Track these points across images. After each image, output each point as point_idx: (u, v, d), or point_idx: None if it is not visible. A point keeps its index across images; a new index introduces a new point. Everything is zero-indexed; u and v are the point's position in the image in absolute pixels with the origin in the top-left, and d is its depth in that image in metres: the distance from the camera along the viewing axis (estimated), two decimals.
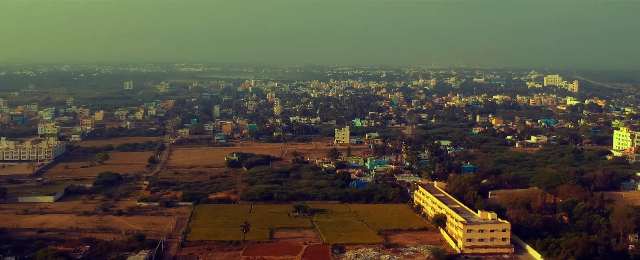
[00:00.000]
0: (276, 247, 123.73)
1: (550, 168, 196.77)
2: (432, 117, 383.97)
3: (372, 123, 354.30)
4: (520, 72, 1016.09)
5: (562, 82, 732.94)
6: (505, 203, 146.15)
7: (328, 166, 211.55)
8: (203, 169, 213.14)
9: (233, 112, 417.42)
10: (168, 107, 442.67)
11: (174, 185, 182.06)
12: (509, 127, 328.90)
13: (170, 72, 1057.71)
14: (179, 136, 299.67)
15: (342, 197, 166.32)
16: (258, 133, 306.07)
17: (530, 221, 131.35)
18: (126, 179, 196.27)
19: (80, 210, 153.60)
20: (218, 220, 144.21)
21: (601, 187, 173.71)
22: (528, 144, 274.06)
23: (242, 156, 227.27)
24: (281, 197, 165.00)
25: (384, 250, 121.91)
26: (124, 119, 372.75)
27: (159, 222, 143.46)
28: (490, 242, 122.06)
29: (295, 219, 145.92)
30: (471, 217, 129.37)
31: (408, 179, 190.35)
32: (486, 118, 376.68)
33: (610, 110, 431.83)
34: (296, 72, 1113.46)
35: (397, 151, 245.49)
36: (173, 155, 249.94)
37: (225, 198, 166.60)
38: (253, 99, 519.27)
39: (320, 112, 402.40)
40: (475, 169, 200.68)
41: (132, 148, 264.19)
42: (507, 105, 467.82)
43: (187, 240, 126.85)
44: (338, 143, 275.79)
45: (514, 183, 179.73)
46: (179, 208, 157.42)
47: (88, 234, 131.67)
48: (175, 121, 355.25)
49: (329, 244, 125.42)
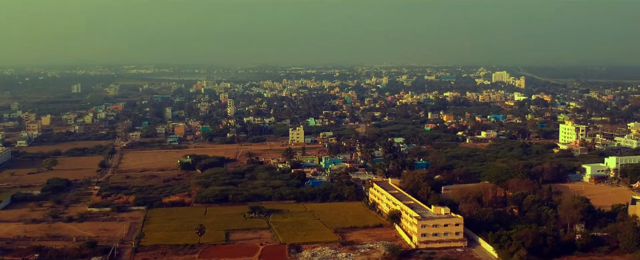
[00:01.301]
0: (232, 249, 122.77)
1: (500, 162, 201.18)
2: (385, 115, 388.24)
3: (326, 122, 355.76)
4: (469, 70, 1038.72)
5: (509, 79, 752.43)
6: (458, 198, 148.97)
7: (283, 166, 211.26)
8: (156, 173, 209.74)
9: (185, 114, 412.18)
10: (118, 110, 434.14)
11: (126, 189, 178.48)
12: (460, 124, 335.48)
13: (120, 74, 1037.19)
14: (130, 139, 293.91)
15: (298, 197, 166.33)
16: (211, 134, 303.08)
17: (482, 215, 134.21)
18: (76, 184, 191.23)
19: (28, 218, 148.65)
20: (172, 224, 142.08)
21: (549, 180, 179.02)
22: (478, 140, 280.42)
23: (195, 158, 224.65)
24: (236, 199, 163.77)
25: (341, 248, 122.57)
26: (72, 123, 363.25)
27: (111, 228, 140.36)
28: (444, 237, 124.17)
29: (251, 220, 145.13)
30: (425, 213, 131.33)
31: (363, 177, 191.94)
32: (437, 115, 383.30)
33: (555, 105, 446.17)
34: (249, 72, 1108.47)
35: (351, 149, 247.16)
36: (124, 159, 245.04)
37: (179, 201, 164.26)
38: (206, 100, 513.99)
39: (274, 112, 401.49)
40: (428, 165, 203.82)
41: (81, 153, 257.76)
42: (457, 102, 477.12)
43: (140, 245, 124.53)
44: (293, 143, 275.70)
45: (466, 178, 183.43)
46: (131, 213, 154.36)
47: (37, 242, 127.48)
48: (126, 124, 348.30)
49: (286, 244, 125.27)
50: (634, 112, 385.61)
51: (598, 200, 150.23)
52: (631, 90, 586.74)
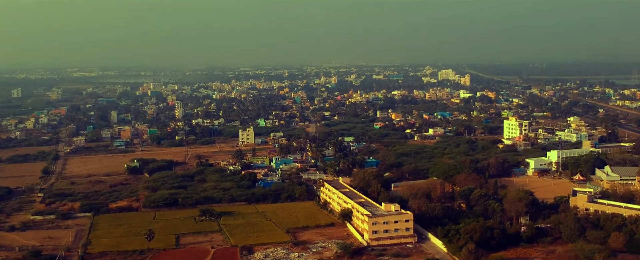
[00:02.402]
0: (183, 254, 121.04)
1: (448, 158, 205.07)
2: (335, 114, 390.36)
3: (276, 122, 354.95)
4: (416, 68, 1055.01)
5: (455, 77, 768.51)
6: (407, 194, 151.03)
7: (233, 168, 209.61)
8: (102, 178, 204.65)
9: (132, 117, 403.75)
10: (61, 114, 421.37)
11: (71, 196, 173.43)
12: (408, 121, 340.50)
13: (63, 77, 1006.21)
14: (74, 144, 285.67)
15: (249, 198, 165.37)
16: (159, 138, 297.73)
17: (431, 210, 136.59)
18: (18, 192, 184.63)
19: None
20: (120, 229, 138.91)
21: (494, 174, 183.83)
22: (426, 137, 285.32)
23: (143, 162, 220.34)
24: (186, 202, 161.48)
25: (293, 248, 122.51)
26: (13, 129, 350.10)
27: (56, 236, 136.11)
28: (394, 233, 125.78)
29: (201, 223, 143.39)
30: (376, 210, 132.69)
31: (314, 176, 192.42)
32: (386, 113, 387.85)
33: (499, 102, 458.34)
34: (197, 74, 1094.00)
35: (302, 149, 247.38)
36: (69, 164, 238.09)
37: (127, 206, 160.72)
38: (152, 102, 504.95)
39: (223, 114, 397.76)
40: (378, 162, 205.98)
41: (23, 159, 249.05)
42: (405, 100, 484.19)
43: (87, 253, 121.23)
44: (243, 144, 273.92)
45: (415, 174, 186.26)
46: (77, 220, 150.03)
47: None
48: (70, 129, 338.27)
49: (237, 246, 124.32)
50: (573, 107, 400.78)
51: (541, 193, 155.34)
52: (570, 86, 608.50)
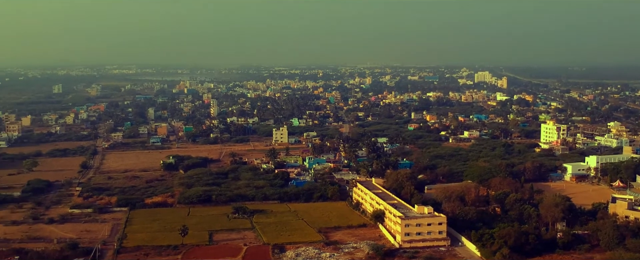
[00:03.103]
0: (216, 250, 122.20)
1: (483, 162, 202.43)
2: (369, 115, 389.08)
3: (309, 122, 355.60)
4: (452, 70, 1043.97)
5: (492, 79, 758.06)
6: (441, 197, 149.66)
7: (267, 166, 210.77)
8: (138, 173, 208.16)
9: (168, 115, 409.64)
10: (100, 110, 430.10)
11: (108, 190, 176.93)
12: (443, 123, 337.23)
13: (102, 74, 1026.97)
14: (112, 140, 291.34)
15: (282, 197, 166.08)
16: (194, 135, 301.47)
17: (465, 214, 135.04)
18: (57, 185, 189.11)
19: (8, 220, 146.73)
20: (155, 224, 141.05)
21: (530, 179, 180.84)
22: (461, 139, 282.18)
23: (178, 159, 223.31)
24: (220, 199, 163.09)
25: (324, 248, 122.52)
26: (53, 124, 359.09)
27: (93, 229, 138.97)
28: (427, 236, 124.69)
29: (234, 220, 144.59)
30: (408, 212, 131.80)
31: (346, 177, 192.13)
32: (421, 115, 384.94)
33: (537, 105, 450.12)
34: (232, 72, 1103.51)
35: (335, 149, 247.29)
36: (106, 159, 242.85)
37: (162, 202, 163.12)
38: (189, 100, 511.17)
39: (257, 113, 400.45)
40: (412, 164, 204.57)
41: (62, 154, 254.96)
42: (440, 102, 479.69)
43: (123, 247, 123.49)
44: (276, 143, 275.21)
45: (449, 177, 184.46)
46: (113, 214, 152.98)
47: (17, 244, 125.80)
48: (108, 125, 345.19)
49: (269, 244, 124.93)
50: (613, 112, 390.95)
51: (579, 199, 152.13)
52: (611, 90, 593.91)
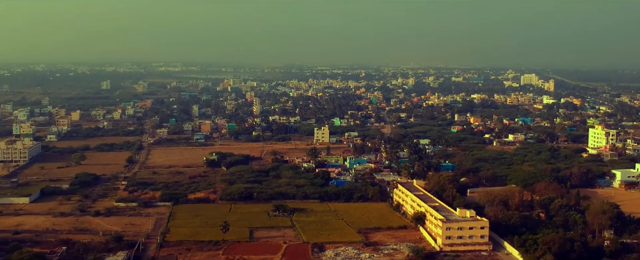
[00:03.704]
0: (256, 247, 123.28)
1: (528, 166, 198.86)
2: (411, 116, 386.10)
3: (351, 122, 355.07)
4: (497, 72, 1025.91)
5: (538, 81, 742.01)
6: (484, 201, 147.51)
7: (307, 165, 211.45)
8: (182, 169, 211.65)
9: (212, 112, 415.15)
10: (146, 106, 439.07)
11: (153, 185, 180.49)
12: (487, 126, 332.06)
13: (148, 71, 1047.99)
14: (157, 136, 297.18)
15: (322, 196, 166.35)
16: (237, 132, 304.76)
17: (508, 218, 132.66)
18: (103, 179, 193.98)
19: (57, 212, 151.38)
20: (197, 220, 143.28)
21: (577, 185, 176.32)
22: (505, 142, 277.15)
23: (221, 156, 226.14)
24: (261, 197, 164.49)
25: (364, 248, 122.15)
26: (101, 119, 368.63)
27: (137, 223, 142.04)
28: (469, 240, 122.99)
29: (274, 218, 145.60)
30: (450, 215, 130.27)
31: (387, 178, 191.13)
32: (464, 117, 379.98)
33: (585, 109, 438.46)
34: (275, 71, 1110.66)
35: (376, 150, 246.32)
36: (151, 155, 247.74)
37: (205, 198, 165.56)
38: (232, 98, 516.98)
39: (299, 112, 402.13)
40: (454, 167, 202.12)
41: (109, 148, 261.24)
42: (485, 104, 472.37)
43: (165, 241, 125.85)
44: (317, 142, 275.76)
45: (492, 181, 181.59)
46: (157, 208, 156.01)
47: (64, 235, 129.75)
48: (154, 121, 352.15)
49: (309, 242, 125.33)
50: None
51: (628, 207, 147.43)
52: None
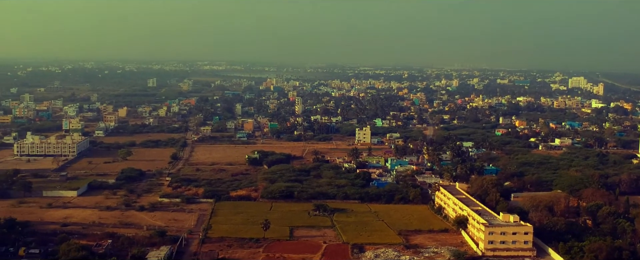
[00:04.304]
0: (296, 246, 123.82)
1: (574, 171, 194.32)
2: (454, 118, 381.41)
3: (393, 123, 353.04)
4: (544, 74, 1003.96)
5: (587, 85, 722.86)
6: (528, 206, 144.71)
7: (348, 165, 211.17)
8: (224, 167, 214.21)
9: (254, 111, 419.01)
10: (191, 104, 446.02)
11: (196, 182, 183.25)
12: (533, 130, 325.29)
13: (193, 70, 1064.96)
14: (201, 133, 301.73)
15: (363, 197, 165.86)
16: (279, 131, 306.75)
17: (553, 224, 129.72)
18: (148, 175, 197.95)
19: (103, 205, 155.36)
20: (238, 217, 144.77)
21: (626, 192, 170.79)
22: (552, 147, 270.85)
23: (263, 154, 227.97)
24: (301, 196, 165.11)
25: (404, 250, 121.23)
26: (147, 116, 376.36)
27: (180, 218, 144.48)
28: (512, 245, 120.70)
29: (315, 217, 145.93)
30: (493, 220, 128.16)
31: (429, 180, 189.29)
32: (509, 120, 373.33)
33: (636, 114, 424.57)
34: (318, 71, 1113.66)
35: (418, 152, 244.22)
36: (195, 152, 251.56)
37: (246, 195, 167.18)
38: (274, 97, 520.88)
39: (341, 112, 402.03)
40: (498, 171, 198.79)
41: (154, 144, 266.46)
42: (530, 107, 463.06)
43: (207, 237, 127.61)
44: (359, 143, 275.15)
45: (537, 186, 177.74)
46: (200, 204, 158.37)
47: (110, 228, 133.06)
48: (198, 119, 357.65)
49: (349, 243, 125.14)
50: None
51: None
52: None
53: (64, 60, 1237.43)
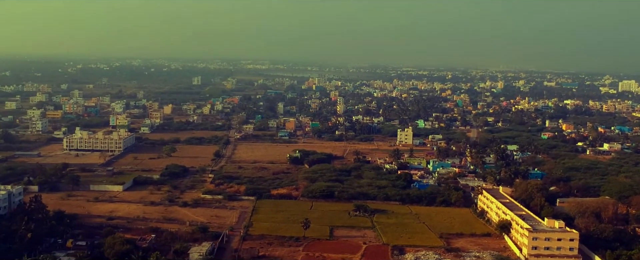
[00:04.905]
0: (336, 245, 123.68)
1: (624, 177, 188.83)
2: (499, 121, 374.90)
3: (435, 125, 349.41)
4: (593, 77, 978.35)
5: (638, 88, 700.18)
6: (574, 212, 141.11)
7: (390, 167, 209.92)
8: (266, 165, 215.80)
9: (296, 110, 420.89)
10: (234, 103, 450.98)
11: (238, 179, 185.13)
12: (580, 134, 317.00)
13: (237, 69, 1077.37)
14: (243, 132, 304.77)
15: (403, 199, 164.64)
16: (320, 131, 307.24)
17: (601, 231, 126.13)
18: (192, 171, 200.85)
19: (147, 200, 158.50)
20: (279, 215, 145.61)
21: None
22: (600, 152, 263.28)
23: (304, 153, 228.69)
24: (342, 196, 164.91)
25: (445, 254, 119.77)
26: (191, 113, 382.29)
27: (222, 215, 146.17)
28: (556, 251, 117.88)
29: (355, 218, 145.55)
30: (537, 225, 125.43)
31: (472, 183, 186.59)
32: (556, 123, 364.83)
33: None
34: (360, 71, 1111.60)
35: (461, 154, 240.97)
36: (237, 150, 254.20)
37: (287, 194, 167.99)
38: (316, 97, 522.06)
39: (383, 112, 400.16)
40: (543, 175, 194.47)
41: (198, 142, 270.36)
42: (578, 110, 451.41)
43: (248, 234, 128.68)
44: (400, 144, 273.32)
45: (584, 191, 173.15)
46: (241, 202, 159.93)
47: (154, 223, 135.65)
48: (241, 117, 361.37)
49: (389, 244, 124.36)
50: None
51: None
52: None
53: (112, 58, 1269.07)
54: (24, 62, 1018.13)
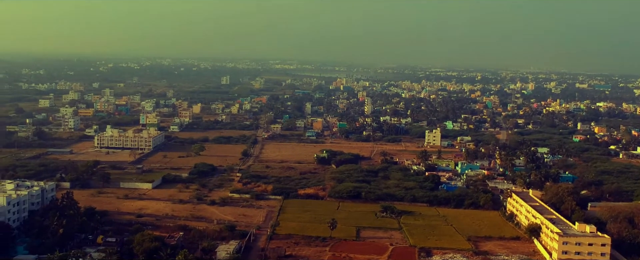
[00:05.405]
0: (362, 246, 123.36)
1: None
2: (529, 123, 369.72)
3: (464, 126, 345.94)
4: (627, 79, 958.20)
5: None
6: (606, 216, 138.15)
7: (417, 168, 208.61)
8: (293, 165, 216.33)
9: (324, 110, 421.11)
10: (262, 102, 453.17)
11: (265, 178, 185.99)
12: (613, 137, 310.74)
13: (265, 68, 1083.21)
14: (271, 131, 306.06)
15: (431, 200, 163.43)
16: (348, 131, 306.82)
17: (634, 237, 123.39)
18: (220, 170, 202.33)
19: (176, 198, 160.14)
20: (306, 215, 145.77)
21: None
22: (634, 155, 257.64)
23: (331, 153, 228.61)
24: (369, 197, 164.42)
25: (473, 257, 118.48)
26: (220, 113, 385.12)
27: (249, 214, 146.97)
28: (587, 256, 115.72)
29: (382, 219, 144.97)
30: (568, 229, 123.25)
31: (501, 186, 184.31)
32: (588, 126, 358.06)
33: None
34: (388, 72, 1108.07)
35: (490, 156, 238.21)
36: (265, 149, 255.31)
37: (314, 194, 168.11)
38: (344, 97, 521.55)
39: (411, 113, 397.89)
40: (575, 178, 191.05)
41: (226, 141, 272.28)
42: (611, 113, 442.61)
43: (275, 233, 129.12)
44: (428, 145, 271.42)
45: (617, 196, 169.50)
46: (268, 201, 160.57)
47: (182, 221, 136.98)
48: (268, 116, 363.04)
49: (416, 246, 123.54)
50: None
51: None
52: None
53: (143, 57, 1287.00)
54: (57, 61, 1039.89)
